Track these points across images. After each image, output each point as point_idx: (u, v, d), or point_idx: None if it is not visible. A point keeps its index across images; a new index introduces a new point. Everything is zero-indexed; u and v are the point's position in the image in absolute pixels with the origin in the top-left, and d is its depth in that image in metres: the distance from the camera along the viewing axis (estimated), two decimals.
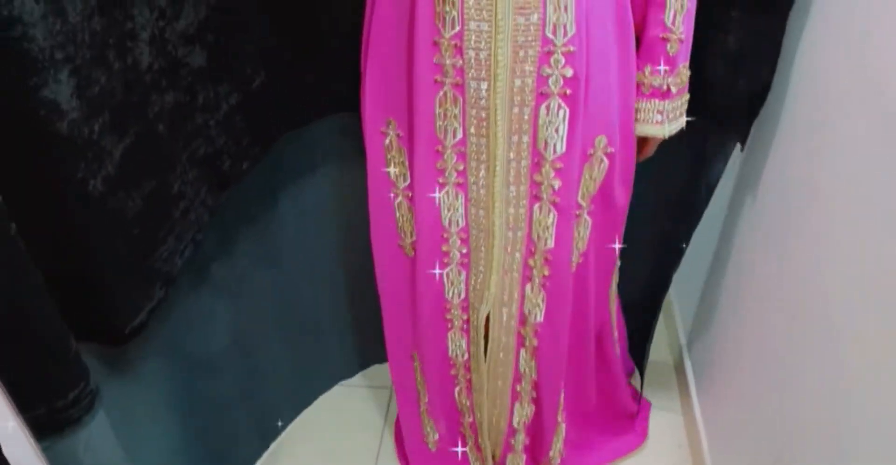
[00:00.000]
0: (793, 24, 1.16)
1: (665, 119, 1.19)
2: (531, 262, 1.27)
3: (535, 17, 1.00)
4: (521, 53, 1.03)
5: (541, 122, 1.10)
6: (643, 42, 1.15)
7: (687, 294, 1.82)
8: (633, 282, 1.59)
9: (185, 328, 1.36)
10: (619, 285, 1.51)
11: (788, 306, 1.17)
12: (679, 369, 1.84)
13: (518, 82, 1.06)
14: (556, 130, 1.10)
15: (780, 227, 1.23)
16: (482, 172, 1.16)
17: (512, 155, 1.13)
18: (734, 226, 1.47)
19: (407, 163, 1.22)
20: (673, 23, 1.10)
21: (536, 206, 1.20)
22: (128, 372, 1.24)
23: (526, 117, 1.09)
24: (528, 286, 1.30)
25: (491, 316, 1.34)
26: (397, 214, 1.30)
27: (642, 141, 1.26)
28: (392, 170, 1.24)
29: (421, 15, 1.03)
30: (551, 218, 1.20)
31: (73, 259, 0.99)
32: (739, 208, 1.44)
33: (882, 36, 0.91)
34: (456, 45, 1.03)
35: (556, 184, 1.16)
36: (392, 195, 1.28)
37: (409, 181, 1.23)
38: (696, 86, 1.24)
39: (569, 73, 1.05)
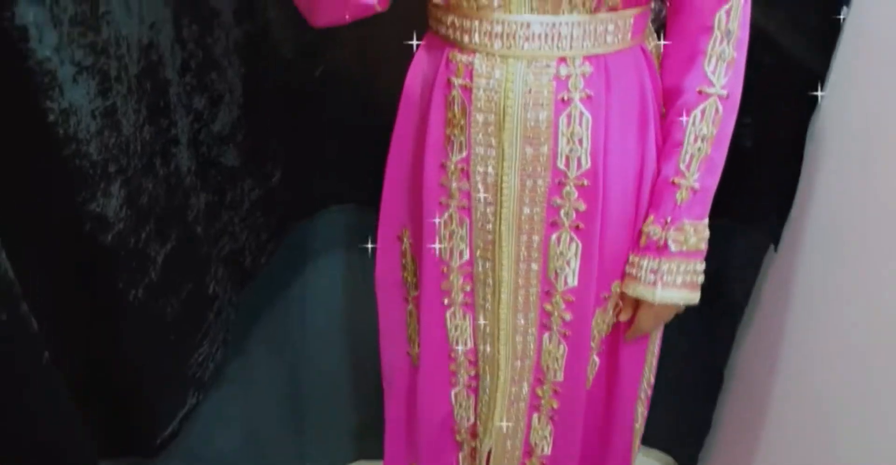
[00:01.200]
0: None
1: (659, 281, 0.99)
2: (539, 391, 1.16)
3: (545, 149, 0.93)
4: (530, 183, 0.96)
5: (551, 252, 1.01)
6: (653, 185, 1.00)
7: None
8: None
9: (200, 428, 1.31)
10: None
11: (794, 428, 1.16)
12: None
13: (527, 210, 0.98)
14: (568, 264, 1.01)
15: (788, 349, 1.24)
16: (489, 297, 1.08)
17: (521, 281, 1.05)
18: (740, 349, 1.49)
19: (418, 272, 1.15)
20: (688, 167, 0.96)
21: (546, 335, 1.09)
22: None
23: (535, 245, 1.01)
24: (535, 416, 1.19)
25: (493, 450, 1.23)
26: (408, 320, 1.22)
27: (635, 304, 1.07)
28: (406, 276, 1.18)
29: (431, 137, 0.99)
30: (561, 350, 1.10)
31: (108, 368, 0.95)
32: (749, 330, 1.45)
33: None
34: (462, 169, 0.98)
35: (567, 316, 1.06)
36: (403, 303, 1.21)
37: (418, 291, 1.16)
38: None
39: (581, 207, 0.96)
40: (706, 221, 1.00)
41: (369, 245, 1.20)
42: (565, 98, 0.91)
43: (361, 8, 0.91)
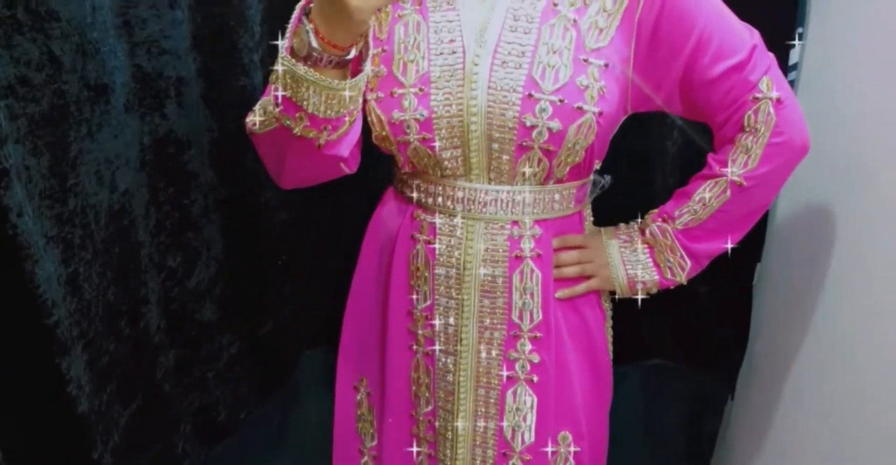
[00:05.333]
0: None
1: (619, 241, 1.03)
2: None
3: (500, 302, 0.99)
4: (487, 334, 1.01)
5: (507, 407, 1.04)
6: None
7: None
8: None
9: None
10: None
11: None
12: None
13: (484, 362, 1.02)
14: (524, 419, 1.03)
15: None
16: (448, 452, 1.08)
17: (478, 439, 1.06)
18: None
19: (375, 423, 1.16)
20: (734, 161, 0.94)
21: None
22: None
23: (492, 401, 1.04)
24: None
25: None
26: None
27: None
28: (360, 427, 1.18)
29: (396, 286, 1.04)
30: None
31: None
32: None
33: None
34: (427, 317, 1.02)
35: None
36: (359, 454, 1.19)
37: (376, 441, 1.16)
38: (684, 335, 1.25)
39: (535, 359, 1.01)
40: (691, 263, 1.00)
41: None
42: (518, 256, 0.98)
43: (331, 169, 0.94)
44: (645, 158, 1.28)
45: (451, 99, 0.91)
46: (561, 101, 0.89)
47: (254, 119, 0.89)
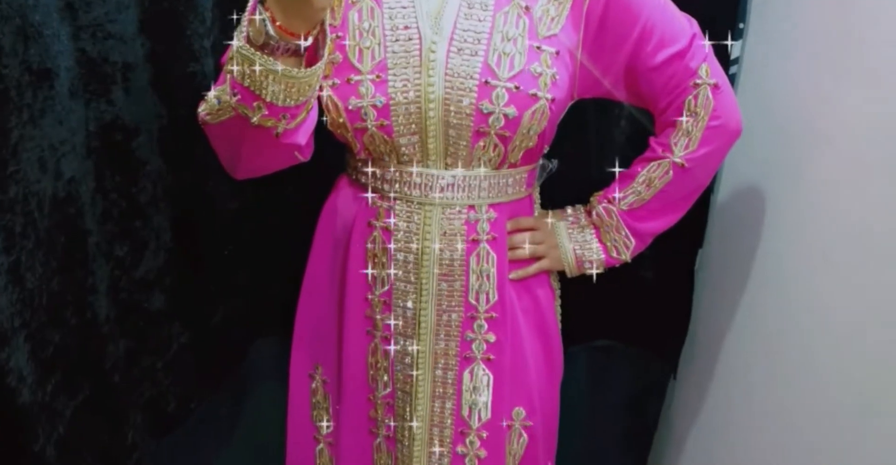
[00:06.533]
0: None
1: (566, 222, 1.07)
2: None
3: (458, 284, 1.02)
4: (445, 317, 1.03)
5: (464, 387, 1.07)
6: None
7: None
8: None
9: None
10: None
11: None
12: None
13: (442, 344, 1.05)
14: (481, 397, 1.07)
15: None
16: (407, 432, 1.10)
17: (436, 419, 1.09)
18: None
19: (331, 410, 1.17)
20: (676, 143, 0.99)
21: None
22: None
23: (450, 381, 1.07)
24: None
25: None
26: (318, 462, 1.21)
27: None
28: (315, 414, 1.19)
29: (353, 272, 1.04)
30: None
31: None
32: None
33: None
34: (385, 302, 1.04)
35: (482, 454, 1.09)
36: (314, 442, 1.20)
37: (332, 429, 1.18)
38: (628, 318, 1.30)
39: (492, 338, 1.04)
40: (634, 242, 1.05)
41: None
42: (475, 239, 1.00)
43: (286, 157, 0.94)
44: (588, 144, 1.31)
45: (409, 85, 0.92)
46: (517, 87, 0.91)
47: (207, 109, 0.88)
